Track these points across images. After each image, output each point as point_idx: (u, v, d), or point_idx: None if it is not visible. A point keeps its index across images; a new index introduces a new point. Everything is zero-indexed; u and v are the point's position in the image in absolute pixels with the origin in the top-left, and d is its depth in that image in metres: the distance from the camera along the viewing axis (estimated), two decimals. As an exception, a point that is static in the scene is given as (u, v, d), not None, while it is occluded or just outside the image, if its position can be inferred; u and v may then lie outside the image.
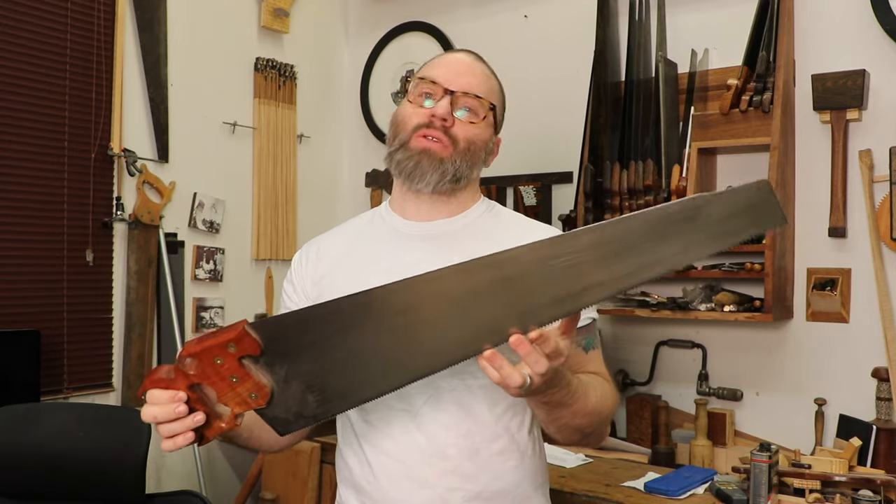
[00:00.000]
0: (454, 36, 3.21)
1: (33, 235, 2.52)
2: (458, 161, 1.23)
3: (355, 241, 1.33)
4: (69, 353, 2.60)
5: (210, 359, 0.97)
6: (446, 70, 1.26)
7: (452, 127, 1.23)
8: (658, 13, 2.60)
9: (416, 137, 1.23)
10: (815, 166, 2.36)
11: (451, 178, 1.24)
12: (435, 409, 1.20)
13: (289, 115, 3.32)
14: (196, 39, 2.98)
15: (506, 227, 1.30)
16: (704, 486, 2.11)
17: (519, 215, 1.38)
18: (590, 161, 2.58)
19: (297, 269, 1.37)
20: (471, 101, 1.24)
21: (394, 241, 1.29)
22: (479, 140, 1.26)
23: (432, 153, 1.22)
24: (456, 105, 1.23)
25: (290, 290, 1.37)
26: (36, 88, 2.52)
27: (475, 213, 1.31)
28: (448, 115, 1.22)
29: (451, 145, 1.23)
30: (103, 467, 1.97)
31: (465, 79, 1.25)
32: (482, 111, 1.26)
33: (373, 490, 1.23)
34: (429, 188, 1.24)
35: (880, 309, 2.22)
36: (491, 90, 1.29)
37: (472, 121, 1.24)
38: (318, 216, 3.48)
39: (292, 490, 2.64)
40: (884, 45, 2.26)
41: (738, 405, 2.50)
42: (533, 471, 1.27)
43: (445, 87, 1.23)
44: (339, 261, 1.31)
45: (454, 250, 1.23)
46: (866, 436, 2.12)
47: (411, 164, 1.23)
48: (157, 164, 2.85)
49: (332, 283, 1.28)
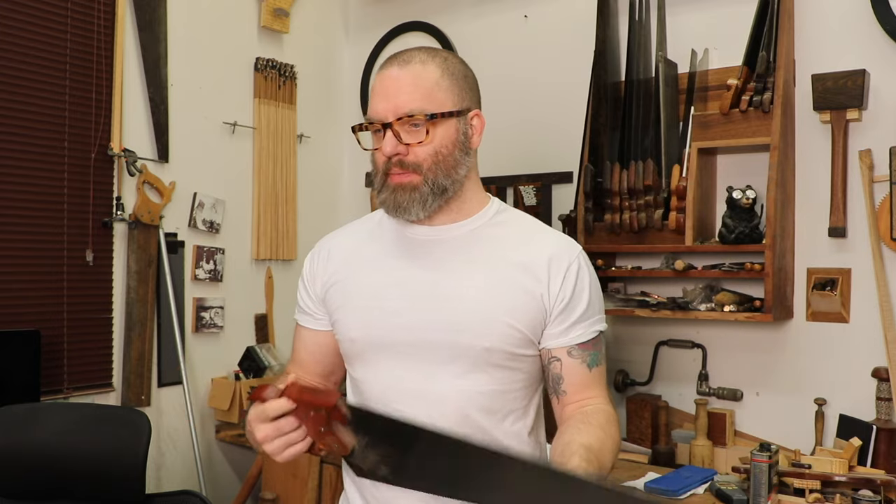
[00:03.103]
0: (454, 36, 3.21)
1: (33, 235, 2.52)
2: (431, 178, 1.21)
3: (364, 242, 1.34)
4: (69, 353, 2.60)
5: (305, 410, 1.07)
6: (378, 99, 1.22)
7: (408, 155, 1.20)
8: (658, 13, 2.60)
9: (388, 177, 1.22)
10: (815, 166, 2.36)
11: (433, 197, 1.22)
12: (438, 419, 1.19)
13: (289, 115, 3.32)
14: (196, 39, 2.98)
15: (513, 231, 1.29)
16: (704, 486, 2.11)
17: (531, 219, 1.35)
18: (590, 161, 2.58)
19: (308, 268, 1.38)
20: (407, 125, 1.19)
21: (401, 245, 1.29)
22: (440, 149, 1.21)
23: (403, 186, 1.21)
24: (401, 132, 1.19)
25: (303, 291, 1.38)
26: (36, 88, 2.52)
27: (483, 219, 1.29)
28: (396, 149, 1.19)
29: (415, 171, 1.20)
30: (103, 467, 1.97)
31: (394, 101, 1.19)
32: (422, 126, 1.20)
33: (375, 489, 1.25)
34: (420, 216, 1.23)
35: (880, 309, 2.22)
36: (429, 91, 1.20)
37: (419, 140, 1.20)
38: (318, 216, 3.48)
39: (292, 490, 2.64)
40: (884, 45, 2.26)
41: (738, 405, 2.49)
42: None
43: (381, 122, 1.20)
44: (347, 261, 1.32)
45: (462, 255, 1.24)
46: (866, 436, 2.11)
47: (391, 202, 1.22)
48: (157, 164, 2.85)
49: (342, 282, 1.30)
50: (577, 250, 1.28)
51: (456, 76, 1.24)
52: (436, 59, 1.23)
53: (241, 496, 2.86)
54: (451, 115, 1.22)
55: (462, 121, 1.24)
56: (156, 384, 2.85)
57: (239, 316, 3.15)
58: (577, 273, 1.25)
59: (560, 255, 1.25)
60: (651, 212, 2.48)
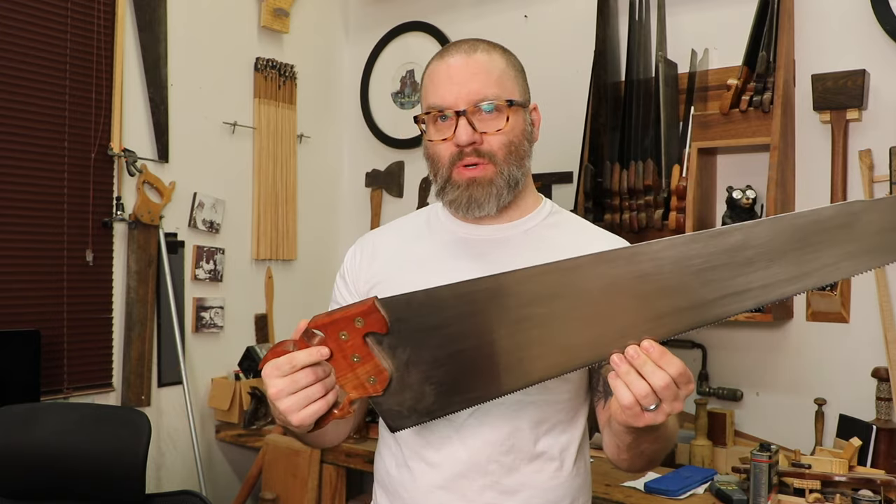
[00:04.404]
0: (454, 36, 3.21)
1: (33, 235, 2.52)
2: (506, 170, 1.17)
3: (412, 241, 1.28)
4: (69, 353, 2.60)
5: (336, 333, 0.96)
6: (446, 88, 1.16)
7: (482, 144, 1.15)
8: (658, 13, 2.60)
9: (456, 170, 1.17)
10: (815, 166, 2.36)
11: (507, 189, 1.18)
12: (480, 422, 1.15)
13: (289, 115, 3.32)
14: (196, 39, 2.98)
15: (568, 234, 1.24)
16: (704, 486, 2.11)
17: (584, 222, 1.31)
18: (590, 161, 2.58)
19: (350, 264, 1.31)
20: (479, 113, 1.15)
21: (451, 245, 1.24)
22: (515, 138, 1.17)
23: (479, 181, 1.16)
24: (474, 121, 1.14)
25: (342, 286, 1.31)
26: (36, 88, 2.52)
27: (536, 219, 1.24)
28: (472, 137, 1.14)
29: (491, 162, 1.16)
30: (103, 467, 1.97)
31: (467, 87, 1.14)
32: (503, 112, 1.16)
33: (408, 497, 1.20)
34: (492, 211, 1.18)
35: (880, 309, 2.22)
36: (499, 78, 1.17)
37: (498, 128, 1.15)
38: (318, 216, 3.48)
39: (292, 490, 2.64)
40: (884, 45, 2.26)
41: (738, 405, 2.49)
42: (575, 490, 1.22)
43: (455, 110, 1.14)
44: (394, 259, 1.26)
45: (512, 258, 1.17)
46: (866, 436, 2.11)
47: (464, 199, 1.17)
48: (157, 164, 2.85)
49: (387, 281, 1.23)
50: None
51: (517, 67, 1.22)
52: (498, 49, 1.21)
53: (241, 496, 2.86)
54: (521, 104, 1.19)
55: (527, 111, 1.22)
56: (156, 384, 2.85)
57: (239, 316, 3.15)
58: None
59: None
60: (651, 212, 2.48)
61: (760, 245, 0.86)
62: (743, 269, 0.86)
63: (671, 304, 0.89)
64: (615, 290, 0.91)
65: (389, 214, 3.40)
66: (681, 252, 0.88)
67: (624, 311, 0.91)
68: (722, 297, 0.87)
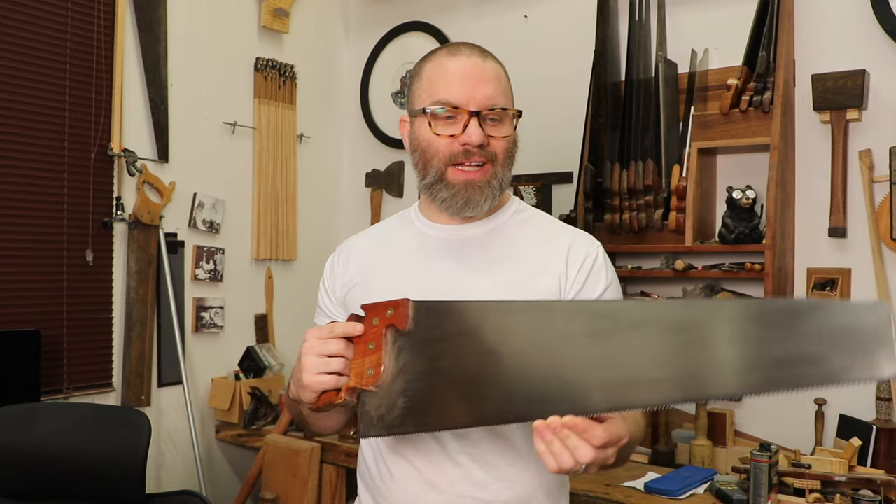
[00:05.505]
0: (454, 36, 3.21)
1: (33, 235, 2.52)
2: (501, 174, 1.20)
3: (382, 244, 1.32)
4: (69, 353, 2.60)
5: (372, 317, 1.03)
6: (461, 86, 1.17)
7: (489, 146, 1.18)
8: (658, 13, 2.60)
9: (454, 170, 1.18)
10: (815, 166, 2.36)
11: (498, 192, 1.22)
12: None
13: (289, 115, 3.32)
14: (196, 39, 2.98)
15: (534, 229, 1.26)
16: (704, 486, 2.11)
17: (550, 219, 1.33)
18: (590, 161, 2.58)
19: (328, 271, 1.37)
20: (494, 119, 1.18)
21: (421, 244, 1.27)
22: (510, 146, 1.21)
23: (477, 183, 1.18)
24: (483, 123, 1.17)
25: (324, 293, 1.37)
26: (36, 88, 2.52)
27: (504, 217, 1.27)
28: (483, 139, 1.16)
29: (491, 164, 1.18)
30: (103, 467, 1.97)
31: (482, 90, 1.16)
32: (508, 120, 1.19)
33: (387, 491, 1.24)
34: (483, 212, 1.22)
35: (880, 309, 2.22)
36: (506, 88, 1.21)
37: (504, 135, 1.19)
38: (318, 216, 3.48)
39: (292, 490, 2.64)
40: (884, 45, 2.26)
41: (738, 405, 2.49)
42: (548, 482, 1.23)
43: (468, 111, 1.16)
44: (367, 263, 1.30)
45: (483, 255, 1.22)
46: (866, 436, 2.11)
47: (461, 200, 1.19)
48: (157, 164, 2.85)
49: (360, 284, 1.28)
50: (595, 245, 1.26)
51: (509, 78, 1.25)
52: (495, 58, 1.24)
53: (241, 496, 2.86)
54: (518, 114, 1.23)
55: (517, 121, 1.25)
56: (156, 384, 2.85)
57: (239, 316, 3.15)
58: (592, 264, 1.22)
59: (578, 249, 1.23)
60: (651, 212, 2.48)
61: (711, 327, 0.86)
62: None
63: (637, 376, 0.88)
64: (570, 343, 0.91)
65: (389, 214, 3.36)
66: (651, 315, 0.88)
67: (577, 370, 0.90)
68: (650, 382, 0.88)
